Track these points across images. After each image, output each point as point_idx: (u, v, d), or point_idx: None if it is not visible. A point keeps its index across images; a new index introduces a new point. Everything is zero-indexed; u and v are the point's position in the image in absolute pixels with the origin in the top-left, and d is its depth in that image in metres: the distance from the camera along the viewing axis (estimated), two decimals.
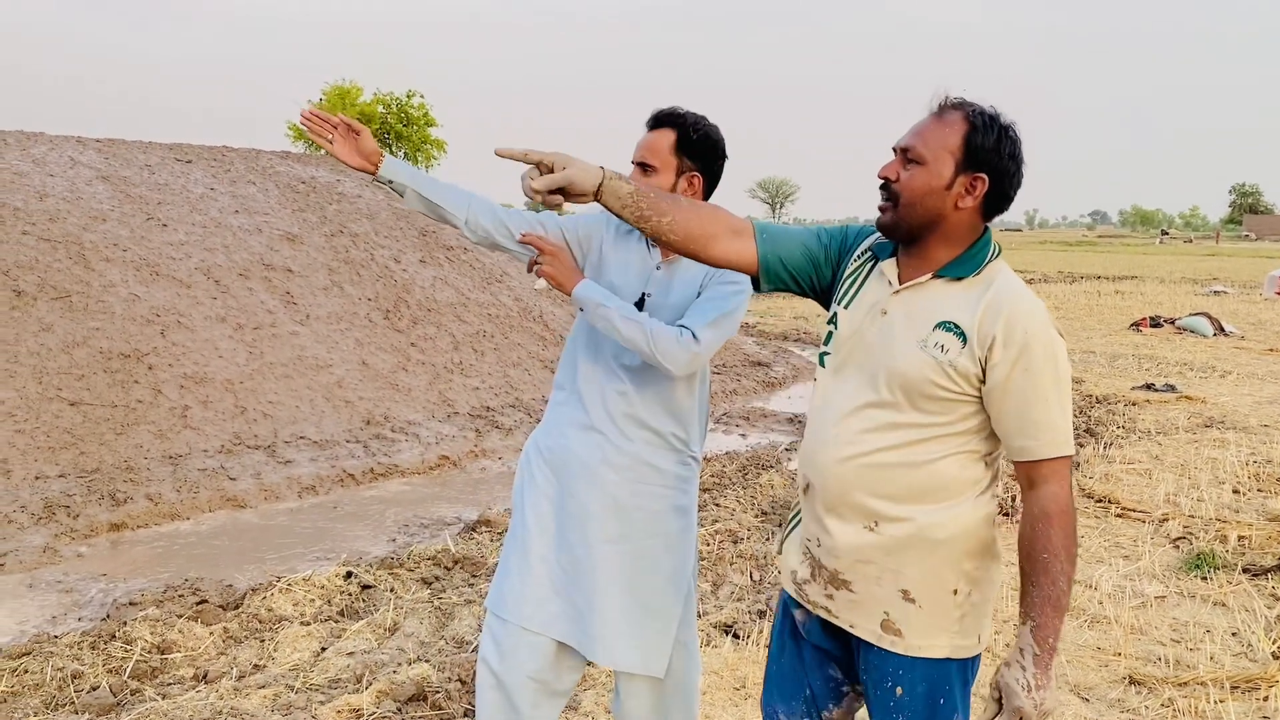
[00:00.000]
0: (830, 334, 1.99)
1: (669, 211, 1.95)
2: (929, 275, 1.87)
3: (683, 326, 2.44)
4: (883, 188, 1.88)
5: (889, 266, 1.93)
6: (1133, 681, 3.75)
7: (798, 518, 2.06)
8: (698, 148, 2.51)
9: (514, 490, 2.72)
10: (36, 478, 6.17)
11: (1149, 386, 10.53)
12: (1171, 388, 10.42)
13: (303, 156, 14.57)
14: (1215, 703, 3.54)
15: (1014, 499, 5.77)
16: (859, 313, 1.94)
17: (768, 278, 2.05)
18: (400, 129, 18.50)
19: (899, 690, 1.88)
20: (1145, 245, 77.57)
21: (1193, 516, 5.79)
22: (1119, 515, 5.92)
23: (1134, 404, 9.67)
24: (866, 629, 1.90)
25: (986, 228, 1.90)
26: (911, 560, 1.85)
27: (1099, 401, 9.78)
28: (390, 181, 2.49)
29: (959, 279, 1.85)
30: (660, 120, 2.52)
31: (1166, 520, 5.75)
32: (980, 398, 1.81)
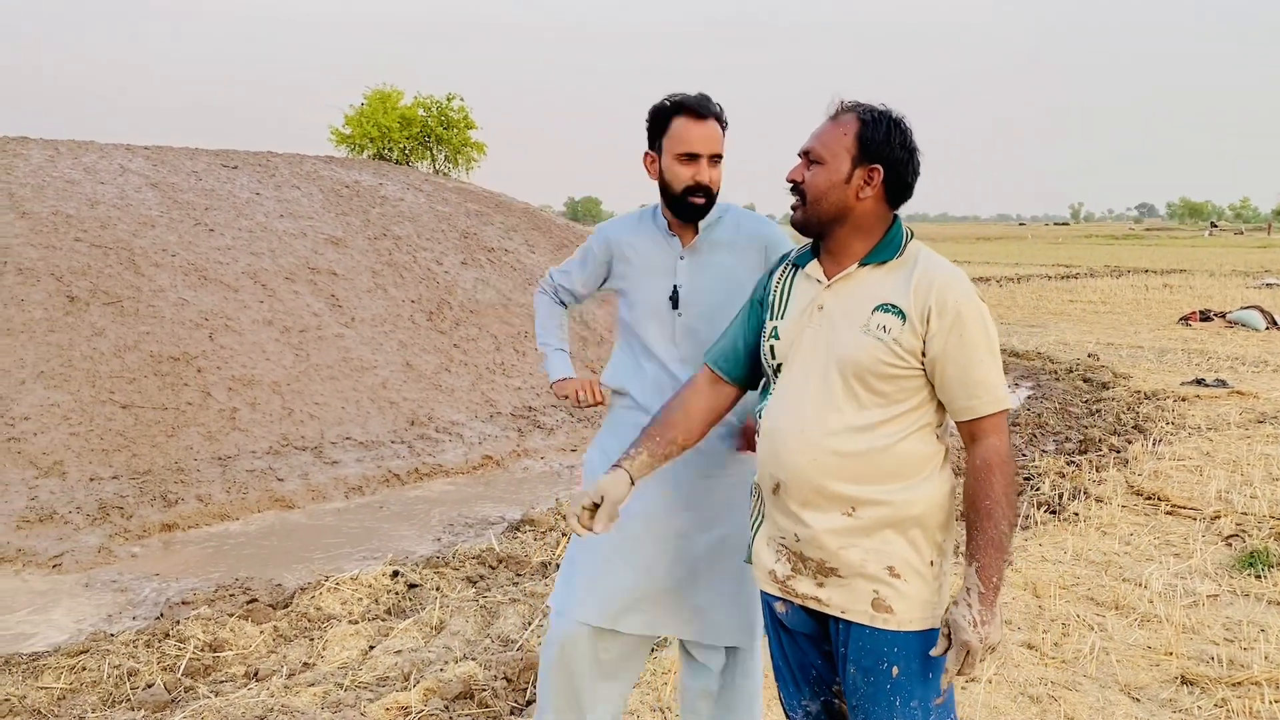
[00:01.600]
0: (773, 348, 2.10)
1: (671, 430, 2.22)
2: (854, 265, 2.01)
3: None
4: (792, 190, 2.05)
5: (813, 268, 2.08)
6: (1185, 681, 3.70)
7: (760, 520, 2.14)
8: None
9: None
10: (91, 479, 6.30)
11: (1199, 382, 10.35)
12: (1223, 383, 10.23)
13: (346, 160, 14.75)
14: (1270, 703, 3.48)
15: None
16: (795, 317, 2.07)
17: (747, 373, 2.22)
18: (440, 132, 18.59)
19: (895, 670, 1.98)
20: (1194, 238, 76.22)
21: (1245, 514, 5.69)
22: (1169, 513, 5.83)
23: (1183, 400, 9.51)
24: (859, 610, 1.98)
25: (896, 216, 2.05)
26: (891, 538, 1.96)
27: (1147, 398, 9.63)
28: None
29: (883, 263, 2.00)
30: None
31: (1218, 517, 5.65)
32: (924, 370, 1.94)
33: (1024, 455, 7.57)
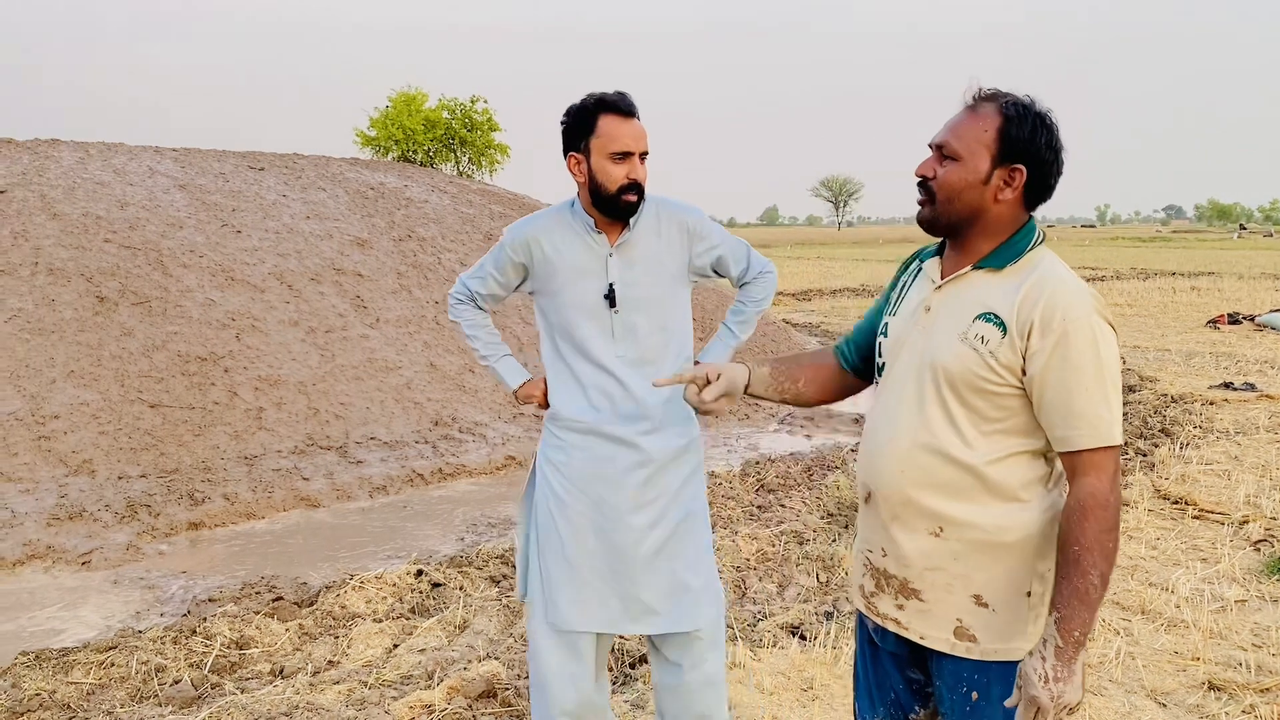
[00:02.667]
0: (880, 345, 1.99)
1: (799, 374, 2.16)
2: (969, 267, 1.86)
3: (753, 274, 2.88)
4: (920, 185, 1.88)
5: (931, 265, 1.94)
6: (1212, 687, 3.66)
7: (857, 531, 2.05)
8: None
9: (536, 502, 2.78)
10: (120, 478, 6.37)
11: (1227, 385, 10.24)
12: (1251, 386, 10.12)
13: (371, 163, 14.84)
14: None
15: None
16: (904, 315, 1.95)
17: (862, 365, 2.16)
18: (465, 134, 18.69)
19: (974, 695, 1.86)
20: (1222, 240, 75.40)
21: (1274, 518, 5.63)
22: (1196, 517, 5.78)
23: (1211, 403, 9.41)
24: (939, 638, 1.87)
25: (1030, 217, 1.88)
26: (982, 565, 1.81)
27: (1174, 401, 9.54)
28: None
29: (999, 268, 1.82)
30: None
31: (1247, 522, 5.60)
32: (1025, 390, 1.77)
33: None
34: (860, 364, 2.15)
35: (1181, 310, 18.60)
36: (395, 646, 4.18)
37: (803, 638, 4.13)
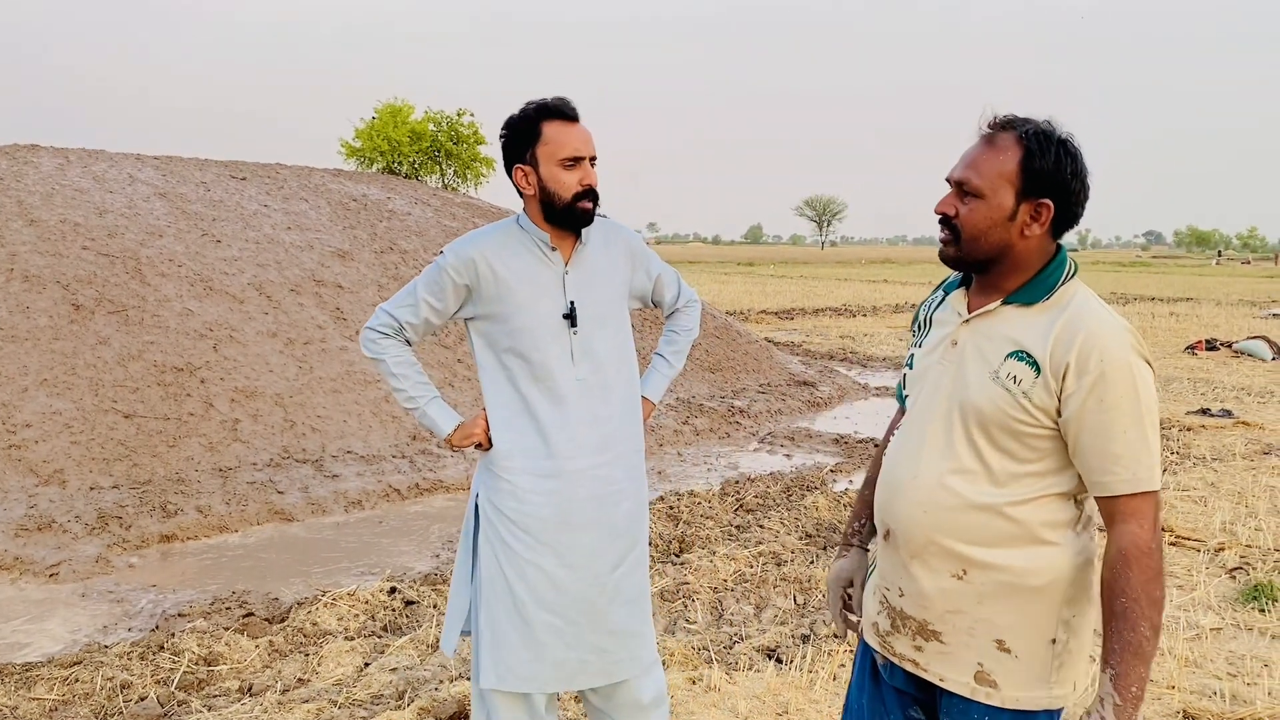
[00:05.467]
0: (905, 377, 1.94)
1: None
2: (998, 302, 1.78)
3: (682, 302, 2.86)
4: (942, 223, 1.80)
5: (957, 298, 1.87)
6: (1187, 716, 3.65)
7: (873, 566, 1.99)
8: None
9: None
10: (91, 488, 6.29)
11: (1204, 411, 10.31)
12: (1228, 413, 10.18)
13: (354, 174, 14.80)
14: None
15: None
16: (931, 349, 1.88)
17: None
18: (450, 147, 18.68)
19: None
20: (1201, 266, 76.18)
21: (1250, 546, 5.65)
22: (1173, 544, 5.79)
23: (1189, 429, 9.47)
24: (958, 682, 1.80)
25: (1060, 246, 1.80)
26: (1006, 609, 1.75)
27: None
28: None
29: (1030, 304, 1.75)
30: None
31: (1222, 549, 5.61)
32: (1060, 432, 1.70)
33: None
34: None
35: (1160, 335, 18.74)
36: (366, 665, 4.13)
37: (779, 661, 4.10)
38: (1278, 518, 6.25)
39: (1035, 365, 1.69)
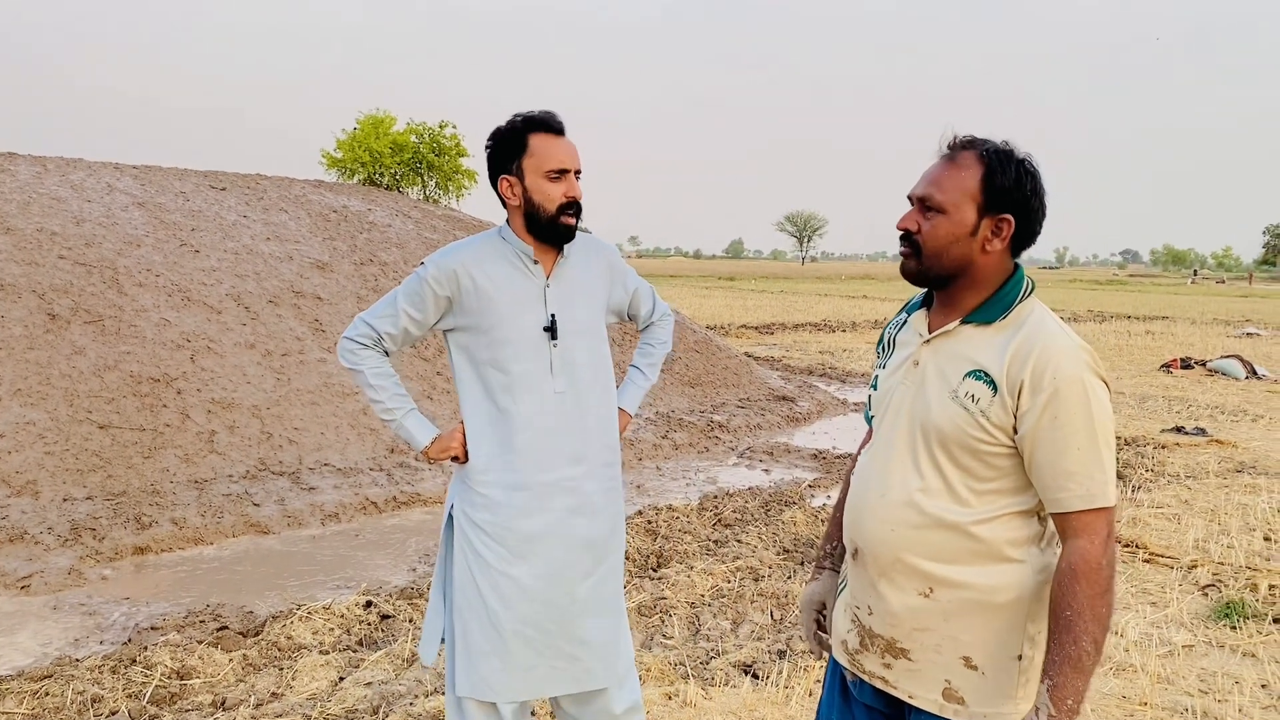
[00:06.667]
0: (870, 398, 1.97)
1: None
2: (957, 321, 1.82)
3: (657, 316, 2.89)
4: (904, 238, 1.83)
5: (919, 318, 1.91)
6: None
7: (844, 584, 2.01)
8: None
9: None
10: (64, 499, 6.23)
11: (1179, 429, 10.40)
12: (1202, 431, 10.28)
13: (335, 185, 14.76)
14: None
15: None
16: (893, 370, 1.92)
17: None
18: (432, 159, 18.67)
19: None
20: (1176, 285, 76.91)
21: (1222, 563, 5.70)
22: (1146, 560, 5.83)
23: (1163, 447, 9.55)
24: (927, 699, 1.82)
25: (1017, 265, 1.85)
26: (972, 626, 1.77)
27: (1127, 444, 9.67)
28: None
29: (989, 323, 1.78)
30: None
31: (1195, 567, 5.66)
32: (1018, 449, 1.73)
33: None
34: None
35: (1136, 353, 18.90)
36: (341, 679, 4.10)
37: (755, 676, 4.10)
38: (1249, 535, 6.31)
39: (992, 384, 1.73)
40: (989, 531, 1.76)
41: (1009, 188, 1.75)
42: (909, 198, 1.84)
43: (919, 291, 1.96)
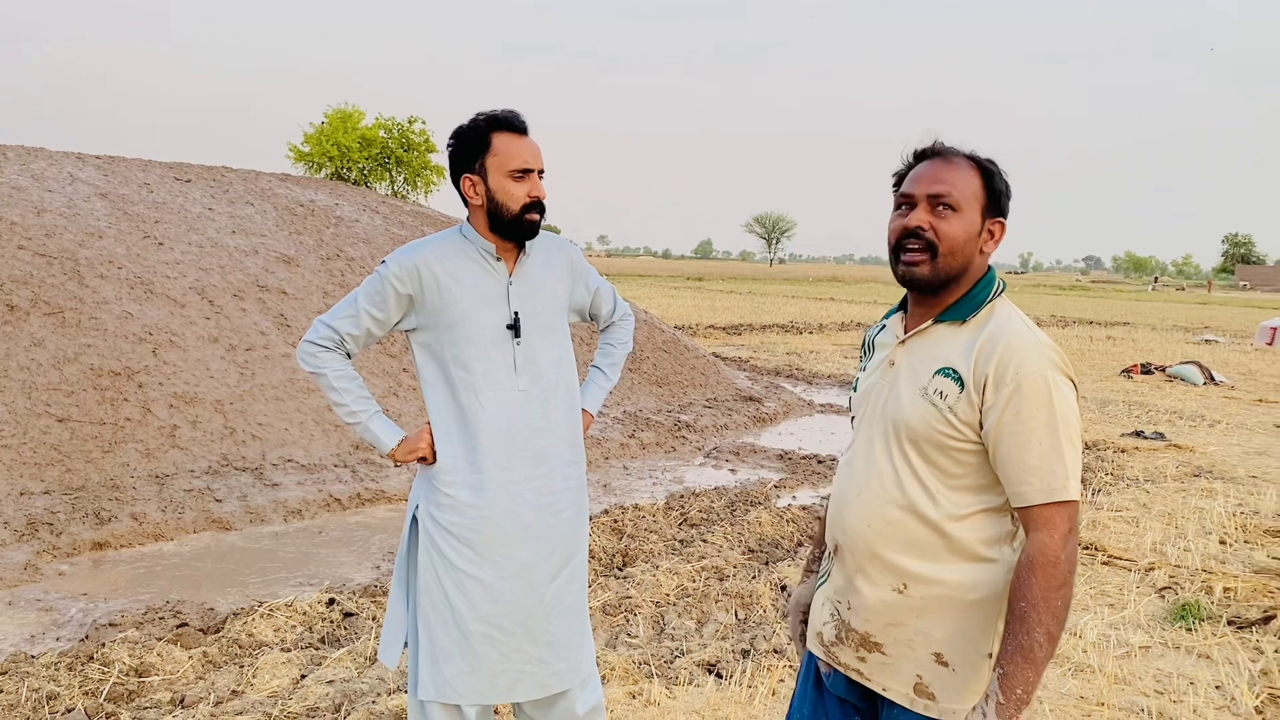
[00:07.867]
0: (851, 399, 2.01)
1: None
2: (931, 320, 1.85)
3: (618, 316, 2.90)
4: (913, 237, 1.80)
5: (895, 321, 1.95)
6: None
7: (826, 576, 2.03)
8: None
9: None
10: (21, 494, 6.13)
11: (1138, 434, 10.55)
12: (1161, 436, 10.44)
13: (302, 179, 14.63)
14: None
15: None
16: (872, 371, 1.96)
17: None
18: (400, 154, 18.53)
19: None
20: (1137, 292, 77.98)
21: (1179, 566, 5.79)
22: (1105, 563, 5.91)
23: (1123, 451, 9.68)
24: (899, 692, 1.85)
25: (990, 266, 1.88)
26: (944, 622, 1.80)
27: (1088, 448, 9.79)
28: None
29: (961, 321, 1.82)
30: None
31: (1153, 569, 5.74)
32: (986, 446, 1.76)
33: None
34: None
35: (1097, 359, 19.14)
36: (303, 677, 4.07)
37: (719, 676, 4.12)
38: (1205, 539, 6.41)
39: (959, 380, 1.76)
40: (961, 529, 1.79)
41: (1004, 193, 1.81)
42: (908, 196, 1.84)
43: (899, 295, 1.99)
